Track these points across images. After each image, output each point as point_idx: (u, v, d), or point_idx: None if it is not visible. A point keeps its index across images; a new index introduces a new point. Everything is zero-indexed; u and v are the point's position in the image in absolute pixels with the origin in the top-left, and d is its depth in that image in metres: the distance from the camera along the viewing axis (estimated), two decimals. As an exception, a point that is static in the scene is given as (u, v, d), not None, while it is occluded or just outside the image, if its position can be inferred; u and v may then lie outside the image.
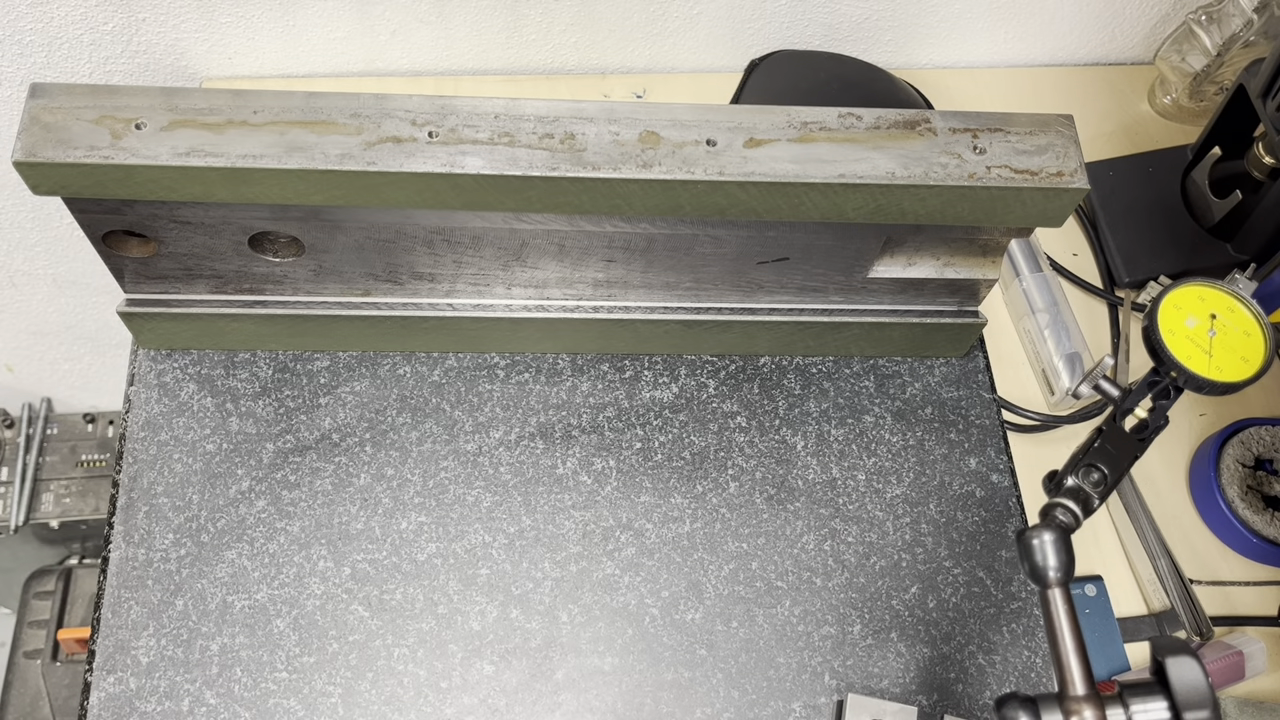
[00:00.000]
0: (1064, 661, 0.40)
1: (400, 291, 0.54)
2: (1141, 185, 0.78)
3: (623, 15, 0.75)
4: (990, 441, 0.59)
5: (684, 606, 0.53)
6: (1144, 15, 0.82)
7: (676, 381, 0.58)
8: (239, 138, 0.43)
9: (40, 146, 0.42)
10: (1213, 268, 0.75)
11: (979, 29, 0.81)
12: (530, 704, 0.50)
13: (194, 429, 0.54)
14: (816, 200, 0.46)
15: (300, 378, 0.56)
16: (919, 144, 0.46)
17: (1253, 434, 0.70)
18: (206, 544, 0.52)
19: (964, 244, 0.53)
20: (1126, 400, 0.47)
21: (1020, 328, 0.73)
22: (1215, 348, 0.46)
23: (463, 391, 0.57)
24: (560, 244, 0.50)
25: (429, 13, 0.72)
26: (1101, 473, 0.45)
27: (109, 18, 0.69)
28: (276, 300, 0.54)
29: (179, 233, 0.48)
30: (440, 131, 0.44)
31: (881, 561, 0.55)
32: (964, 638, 0.54)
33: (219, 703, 0.49)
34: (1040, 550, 0.41)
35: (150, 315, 0.53)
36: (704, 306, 0.56)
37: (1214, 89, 0.80)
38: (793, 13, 0.77)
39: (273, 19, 0.71)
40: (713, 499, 0.55)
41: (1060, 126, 0.47)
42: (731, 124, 0.46)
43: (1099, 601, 0.65)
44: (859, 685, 0.52)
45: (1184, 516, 0.70)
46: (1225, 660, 0.64)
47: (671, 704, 0.51)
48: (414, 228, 0.49)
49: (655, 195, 0.45)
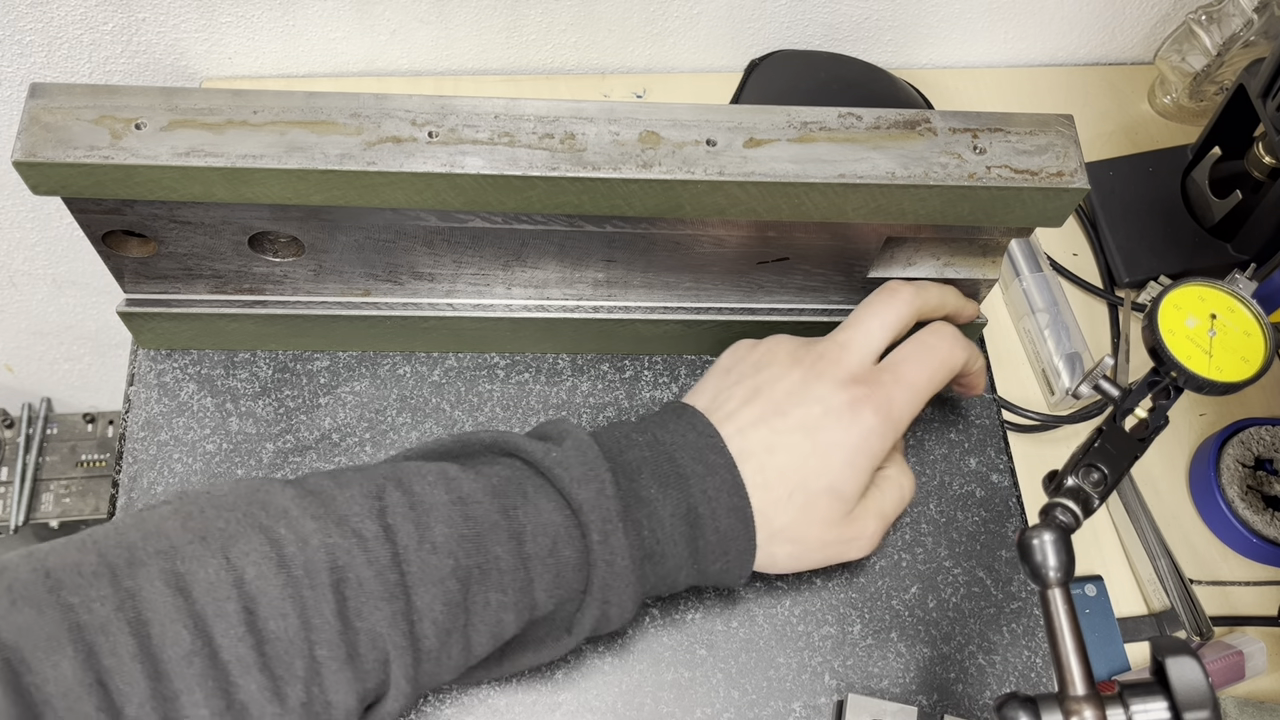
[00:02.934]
0: (1064, 661, 0.40)
1: (400, 291, 0.54)
2: (1141, 185, 0.78)
3: (623, 15, 0.75)
4: (990, 441, 0.59)
5: (684, 606, 0.53)
6: (1144, 15, 0.82)
7: (676, 381, 0.58)
8: (239, 138, 0.43)
9: (40, 146, 0.42)
10: (1213, 268, 0.75)
11: (979, 29, 0.81)
12: (530, 704, 0.50)
13: (194, 429, 0.54)
14: (816, 200, 0.46)
15: (300, 378, 0.56)
16: (919, 144, 0.46)
17: (1253, 434, 0.70)
18: (206, 544, 0.52)
19: (964, 244, 0.53)
20: (1126, 400, 0.47)
21: (1020, 328, 0.73)
22: (1215, 348, 0.46)
23: (463, 391, 0.57)
24: (560, 244, 0.50)
25: (429, 13, 0.72)
26: (1101, 473, 0.45)
27: (109, 18, 0.69)
28: (276, 300, 0.54)
29: (179, 233, 0.48)
30: (440, 131, 0.44)
31: (881, 561, 0.55)
32: (964, 638, 0.54)
33: (219, 703, 0.49)
34: (1040, 550, 0.41)
35: (150, 315, 0.53)
36: (704, 306, 0.56)
37: (1214, 89, 0.80)
38: (793, 13, 0.77)
39: (273, 19, 0.71)
40: (713, 499, 0.55)
41: (1060, 126, 0.47)
42: (731, 124, 0.46)
43: (1099, 601, 0.65)
44: (859, 685, 0.52)
45: (1184, 516, 0.70)
46: (1225, 660, 0.64)
47: (671, 704, 0.51)
48: (414, 228, 0.49)
49: (655, 195, 0.45)
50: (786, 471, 0.45)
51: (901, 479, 0.49)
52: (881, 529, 0.48)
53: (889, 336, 0.49)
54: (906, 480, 0.50)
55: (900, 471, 0.50)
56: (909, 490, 0.50)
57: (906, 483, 0.50)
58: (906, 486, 0.50)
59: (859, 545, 0.47)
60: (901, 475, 0.50)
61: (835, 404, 0.46)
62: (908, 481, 0.50)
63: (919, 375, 0.48)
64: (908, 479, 0.50)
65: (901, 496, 0.49)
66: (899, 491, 0.49)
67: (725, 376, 0.49)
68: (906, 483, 0.50)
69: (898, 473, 0.49)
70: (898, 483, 0.49)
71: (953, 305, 0.52)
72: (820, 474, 0.45)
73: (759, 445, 0.45)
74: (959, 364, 0.49)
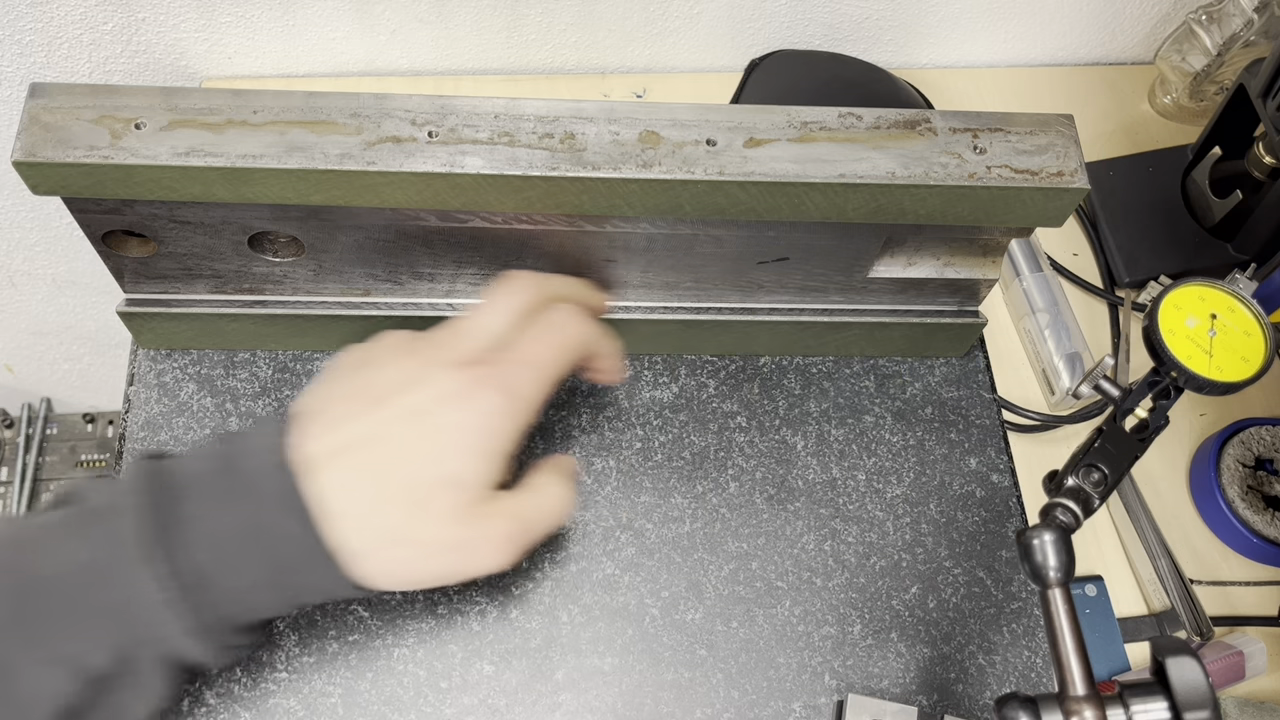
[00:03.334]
0: (1064, 661, 0.40)
1: (400, 291, 0.54)
2: (1141, 185, 0.78)
3: (623, 15, 0.75)
4: (990, 441, 0.59)
5: (684, 606, 0.53)
6: (1144, 15, 0.82)
7: (676, 381, 0.58)
8: (239, 138, 0.43)
9: (40, 146, 0.42)
10: (1213, 268, 0.75)
11: (979, 29, 0.81)
12: (530, 704, 0.50)
13: (194, 429, 0.54)
14: (816, 200, 0.46)
15: (300, 378, 0.56)
16: (919, 144, 0.46)
17: (1253, 434, 0.70)
18: (206, 544, 0.52)
19: (964, 244, 0.53)
20: (1126, 400, 0.47)
21: (1020, 328, 0.73)
22: (1215, 348, 0.46)
23: (463, 391, 0.57)
24: (560, 244, 0.50)
25: (429, 13, 0.72)
26: (1101, 473, 0.45)
27: (109, 18, 0.69)
28: (276, 300, 0.54)
29: (179, 233, 0.48)
30: (440, 131, 0.44)
31: (881, 561, 0.55)
32: (964, 638, 0.54)
33: (218, 703, 0.49)
34: (1040, 550, 0.41)
35: (150, 315, 0.53)
36: (704, 306, 0.56)
37: (1214, 89, 0.80)
38: (793, 13, 0.77)
39: (273, 19, 0.71)
40: (713, 499, 0.55)
41: (1060, 126, 0.47)
42: (731, 124, 0.46)
43: (1099, 601, 0.65)
44: (859, 685, 0.52)
45: (1184, 516, 0.70)
46: (1225, 660, 0.64)
47: (671, 704, 0.51)
48: (414, 228, 0.49)
49: (655, 195, 0.45)
50: (390, 465, 0.41)
51: (554, 489, 0.45)
52: (517, 534, 0.43)
53: (508, 321, 0.45)
54: (560, 493, 0.45)
55: (555, 483, 0.45)
56: (559, 505, 0.45)
57: (559, 495, 0.45)
58: (557, 500, 0.45)
59: (489, 550, 0.42)
60: (555, 486, 0.45)
61: (450, 387, 0.42)
62: (561, 495, 0.45)
63: (542, 353, 0.44)
64: (561, 494, 0.45)
65: (549, 507, 0.44)
66: (547, 501, 0.44)
67: (332, 377, 0.44)
68: (559, 495, 0.45)
69: (552, 483, 0.45)
70: (548, 492, 0.45)
71: (579, 295, 0.49)
72: (434, 461, 0.41)
73: (357, 439, 0.41)
74: (585, 343, 0.46)
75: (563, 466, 0.47)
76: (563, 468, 0.47)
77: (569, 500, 0.45)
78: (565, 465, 0.47)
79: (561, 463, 0.47)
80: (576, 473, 0.51)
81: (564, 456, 0.49)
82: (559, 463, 0.47)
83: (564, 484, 0.46)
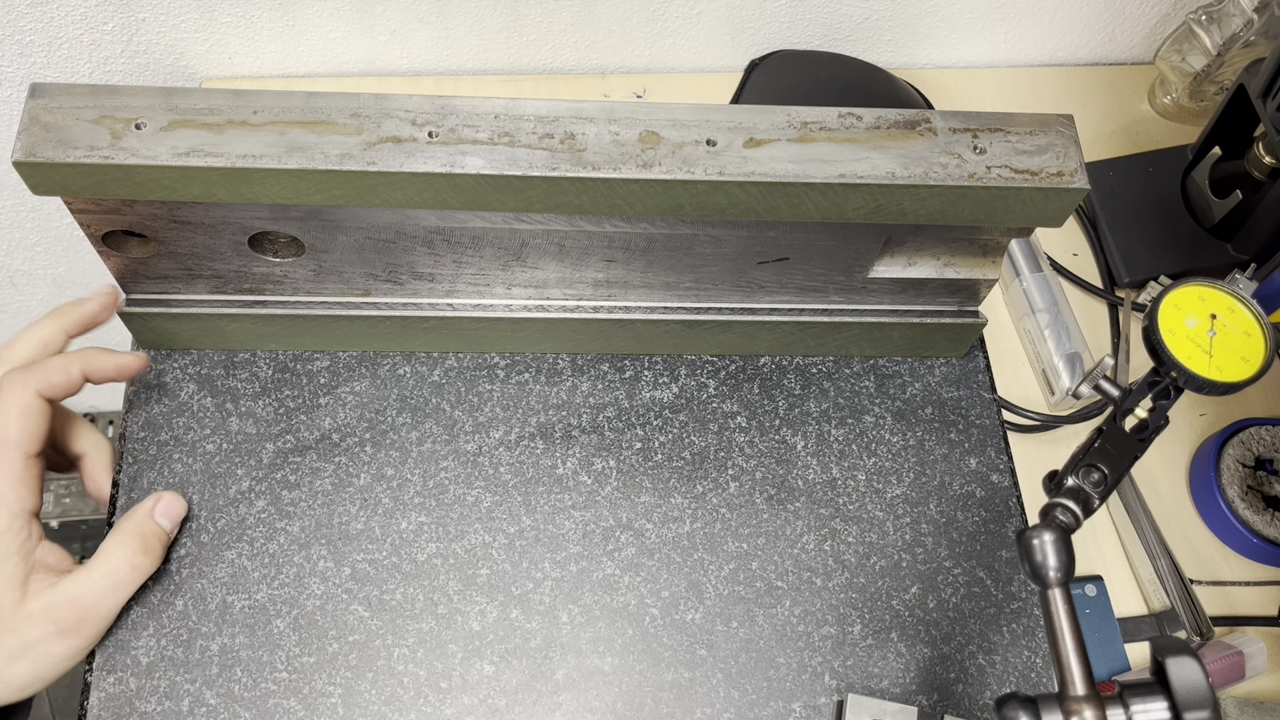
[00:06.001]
0: (1064, 661, 0.40)
1: (400, 291, 0.54)
2: (1141, 185, 0.78)
3: (623, 15, 0.75)
4: (990, 441, 0.59)
5: (684, 606, 0.53)
6: (1144, 15, 0.82)
7: (676, 381, 0.58)
8: (239, 138, 0.43)
9: (40, 146, 0.42)
10: (1213, 268, 0.75)
11: (979, 29, 0.81)
12: (530, 704, 0.50)
13: (194, 429, 0.54)
14: (816, 200, 0.46)
15: (300, 378, 0.56)
16: (919, 144, 0.46)
17: (1253, 434, 0.70)
18: (206, 544, 0.52)
19: (964, 244, 0.53)
20: (1126, 400, 0.47)
21: (1020, 328, 0.73)
22: (1215, 348, 0.46)
23: (463, 391, 0.57)
24: (560, 244, 0.50)
25: (429, 13, 0.72)
26: (1101, 473, 0.45)
27: (109, 18, 0.69)
28: (276, 300, 0.54)
29: (179, 233, 0.48)
30: (440, 131, 0.44)
31: (881, 561, 0.55)
32: (964, 638, 0.54)
33: (219, 703, 0.49)
34: (1040, 550, 0.41)
35: (150, 315, 0.53)
36: (704, 306, 0.56)
37: (1214, 89, 0.80)
38: (793, 13, 0.77)
39: (273, 19, 0.71)
40: (713, 499, 0.55)
41: (1060, 126, 0.47)
42: (731, 124, 0.46)
43: (1099, 601, 0.65)
44: (859, 685, 0.52)
45: (1184, 516, 0.70)
46: (1225, 660, 0.64)
47: (671, 704, 0.51)
48: (414, 228, 0.49)
49: (655, 195, 0.45)
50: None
51: (114, 555, 0.47)
52: (71, 621, 0.45)
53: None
54: (118, 560, 0.47)
55: (116, 547, 0.47)
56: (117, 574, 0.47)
57: (116, 562, 0.47)
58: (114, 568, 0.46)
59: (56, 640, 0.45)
60: (117, 550, 0.47)
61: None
62: (118, 563, 0.47)
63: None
64: (119, 561, 0.47)
65: (103, 582, 0.46)
66: (99, 575, 0.46)
67: None
68: (116, 562, 0.47)
69: (113, 547, 0.47)
70: (105, 561, 0.47)
71: (94, 367, 0.50)
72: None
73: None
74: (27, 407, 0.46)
75: (135, 524, 0.48)
76: (135, 526, 0.48)
77: (129, 564, 0.47)
78: (139, 522, 0.48)
79: (135, 517, 0.48)
80: (174, 516, 0.51)
81: (148, 506, 0.50)
82: (133, 520, 0.48)
83: (126, 546, 0.47)
